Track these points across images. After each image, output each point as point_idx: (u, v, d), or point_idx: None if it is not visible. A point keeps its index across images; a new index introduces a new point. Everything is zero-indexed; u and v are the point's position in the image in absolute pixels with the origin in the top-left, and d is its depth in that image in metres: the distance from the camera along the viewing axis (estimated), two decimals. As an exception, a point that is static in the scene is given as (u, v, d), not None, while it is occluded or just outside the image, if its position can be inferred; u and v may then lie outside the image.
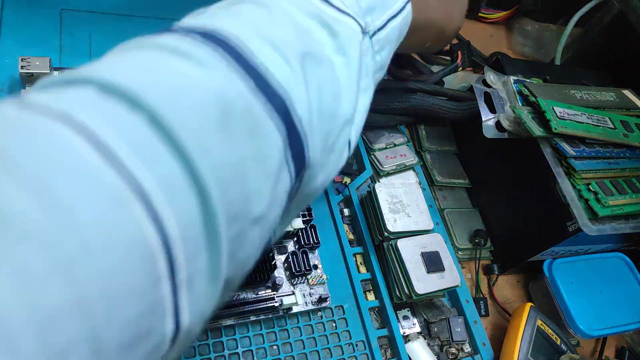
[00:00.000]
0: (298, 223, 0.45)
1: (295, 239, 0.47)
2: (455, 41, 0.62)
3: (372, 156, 0.57)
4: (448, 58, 0.69)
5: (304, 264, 0.45)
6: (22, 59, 0.43)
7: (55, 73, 0.46)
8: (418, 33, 0.39)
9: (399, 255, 0.47)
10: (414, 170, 0.60)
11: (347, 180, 0.55)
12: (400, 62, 0.68)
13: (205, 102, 0.20)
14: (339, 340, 0.45)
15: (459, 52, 0.65)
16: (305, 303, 0.45)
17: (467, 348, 0.50)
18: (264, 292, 0.43)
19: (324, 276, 0.46)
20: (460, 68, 0.64)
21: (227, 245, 0.20)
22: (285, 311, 0.44)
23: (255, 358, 0.42)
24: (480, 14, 0.82)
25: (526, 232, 0.55)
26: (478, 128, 0.53)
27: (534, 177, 0.53)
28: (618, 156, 0.52)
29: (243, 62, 0.23)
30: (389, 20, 0.34)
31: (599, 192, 0.48)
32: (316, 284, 0.46)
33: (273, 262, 0.42)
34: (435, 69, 0.66)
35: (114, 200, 0.16)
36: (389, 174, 0.57)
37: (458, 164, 0.64)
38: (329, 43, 0.29)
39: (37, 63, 0.44)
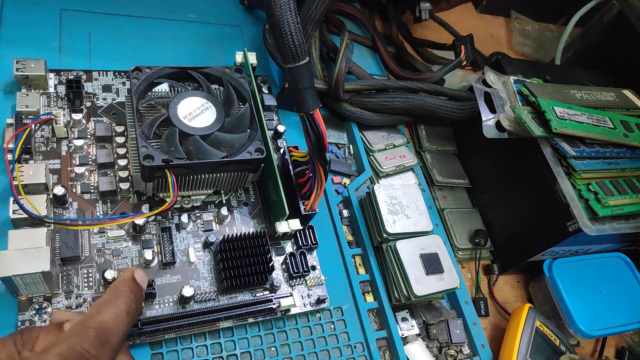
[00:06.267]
0: (296, 224, 0.45)
1: (293, 240, 0.47)
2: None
3: (372, 157, 0.57)
4: (448, 58, 0.69)
5: (302, 265, 0.45)
6: (17, 61, 0.43)
7: (51, 75, 0.46)
8: None
9: (398, 256, 0.47)
10: (414, 171, 0.59)
11: (346, 181, 0.55)
12: (402, 62, 0.68)
13: None
14: (338, 342, 0.45)
15: (462, 47, 0.65)
16: (304, 304, 0.45)
17: (466, 350, 0.50)
18: (261, 294, 0.43)
19: (323, 277, 0.46)
20: (465, 62, 0.64)
21: None
22: (283, 313, 0.44)
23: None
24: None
25: (526, 232, 0.55)
26: (478, 128, 0.52)
27: (534, 177, 0.53)
28: (618, 156, 0.52)
29: None
30: None
31: (599, 192, 0.48)
32: (314, 285, 0.46)
33: (271, 264, 0.42)
34: (436, 69, 0.66)
35: None
36: (388, 175, 0.57)
37: (458, 164, 0.64)
38: None
39: (32, 65, 0.43)
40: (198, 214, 0.45)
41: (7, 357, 0.28)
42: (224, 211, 0.45)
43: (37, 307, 0.36)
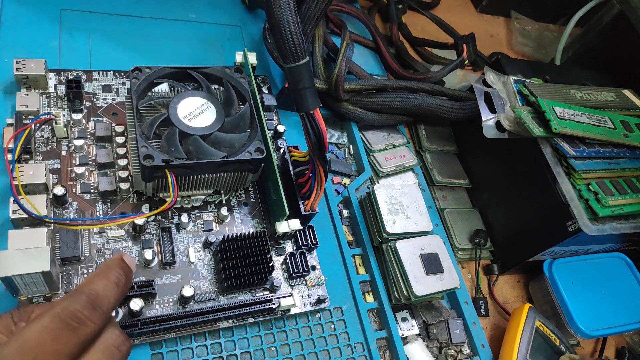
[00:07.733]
0: (296, 224, 0.45)
1: (293, 240, 0.47)
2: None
3: (372, 157, 0.57)
4: (448, 58, 0.69)
5: (302, 265, 0.45)
6: (16, 61, 0.43)
7: (51, 75, 0.46)
8: None
9: (398, 256, 0.47)
10: (414, 171, 0.59)
11: (346, 181, 0.55)
12: (402, 62, 0.68)
13: None
14: (338, 342, 0.45)
15: (464, 46, 0.65)
16: (304, 304, 0.45)
17: (466, 350, 0.50)
18: (261, 294, 0.43)
19: (323, 277, 0.46)
20: (467, 61, 0.64)
21: None
22: (283, 313, 0.44)
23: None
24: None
25: (526, 232, 0.55)
26: (478, 128, 0.52)
27: (534, 177, 0.53)
28: (618, 156, 0.52)
29: None
30: None
31: (599, 192, 0.48)
32: (314, 285, 0.46)
33: (271, 264, 0.42)
34: (436, 68, 0.66)
35: None
36: (388, 175, 0.57)
37: (458, 164, 0.64)
38: None
39: (32, 65, 0.43)
40: (198, 214, 0.45)
41: (4, 328, 0.29)
42: (224, 211, 0.45)
43: (37, 307, 0.36)
